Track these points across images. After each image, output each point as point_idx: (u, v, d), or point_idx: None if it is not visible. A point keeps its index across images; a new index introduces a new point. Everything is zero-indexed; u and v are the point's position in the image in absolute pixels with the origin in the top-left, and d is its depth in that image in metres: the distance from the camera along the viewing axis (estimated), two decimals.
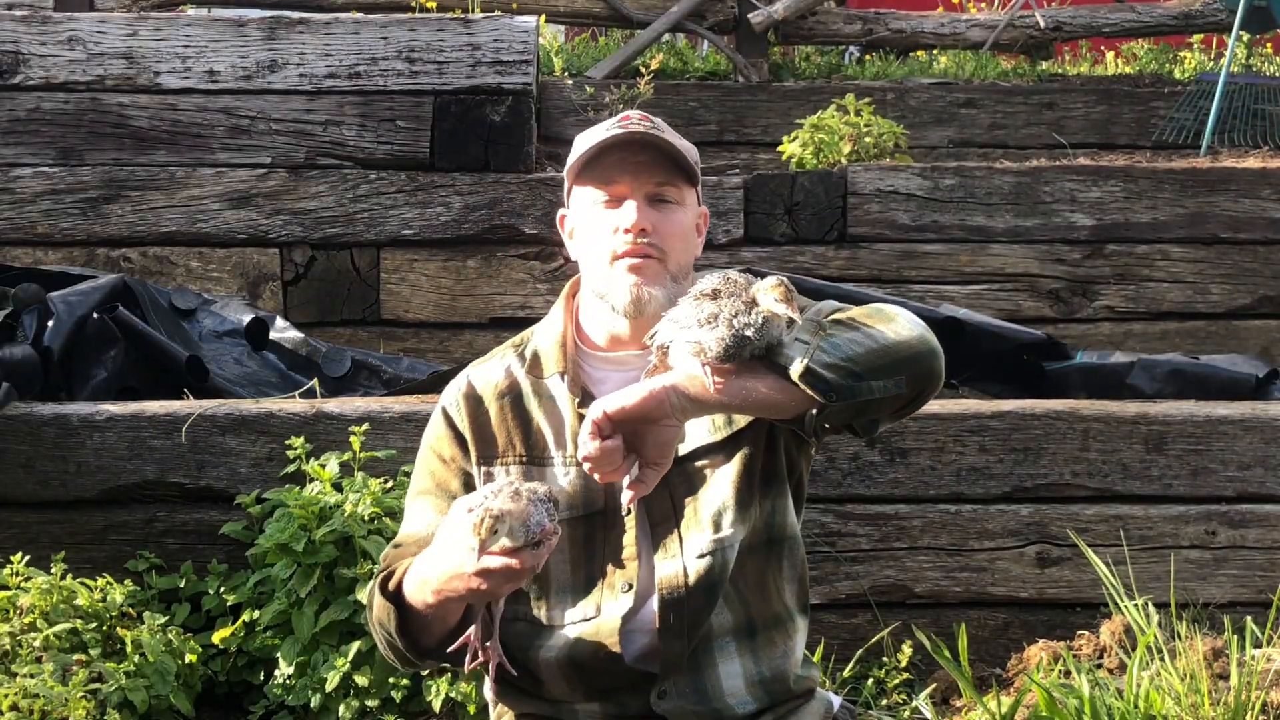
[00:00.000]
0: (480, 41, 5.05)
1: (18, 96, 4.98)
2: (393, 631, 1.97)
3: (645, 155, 2.05)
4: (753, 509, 2.04)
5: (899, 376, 1.86)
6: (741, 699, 2.05)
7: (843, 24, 7.07)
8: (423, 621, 1.96)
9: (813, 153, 5.33)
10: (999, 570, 3.54)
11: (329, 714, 3.12)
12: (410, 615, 1.96)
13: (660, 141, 2.05)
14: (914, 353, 1.88)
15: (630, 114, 2.10)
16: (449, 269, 5.02)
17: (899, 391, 1.87)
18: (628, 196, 2.05)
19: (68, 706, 2.83)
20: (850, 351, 1.84)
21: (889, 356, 1.86)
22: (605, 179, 2.06)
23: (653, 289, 2.03)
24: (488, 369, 2.14)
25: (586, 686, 2.05)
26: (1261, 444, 3.56)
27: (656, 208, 2.06)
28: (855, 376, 1.83)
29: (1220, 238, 5.20)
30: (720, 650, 2.04)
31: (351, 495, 3.21)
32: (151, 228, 4.98)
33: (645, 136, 2.04)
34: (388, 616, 1.97)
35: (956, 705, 3.26)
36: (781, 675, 2.09)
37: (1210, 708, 2.71)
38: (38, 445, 3.43)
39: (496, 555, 1.79)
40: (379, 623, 2.00)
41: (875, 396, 1.85)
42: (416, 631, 1.98)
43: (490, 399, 2.10)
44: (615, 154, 2.05)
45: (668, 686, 2.03)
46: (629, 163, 2.05)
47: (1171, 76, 7.18)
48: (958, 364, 4.21)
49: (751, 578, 2.06)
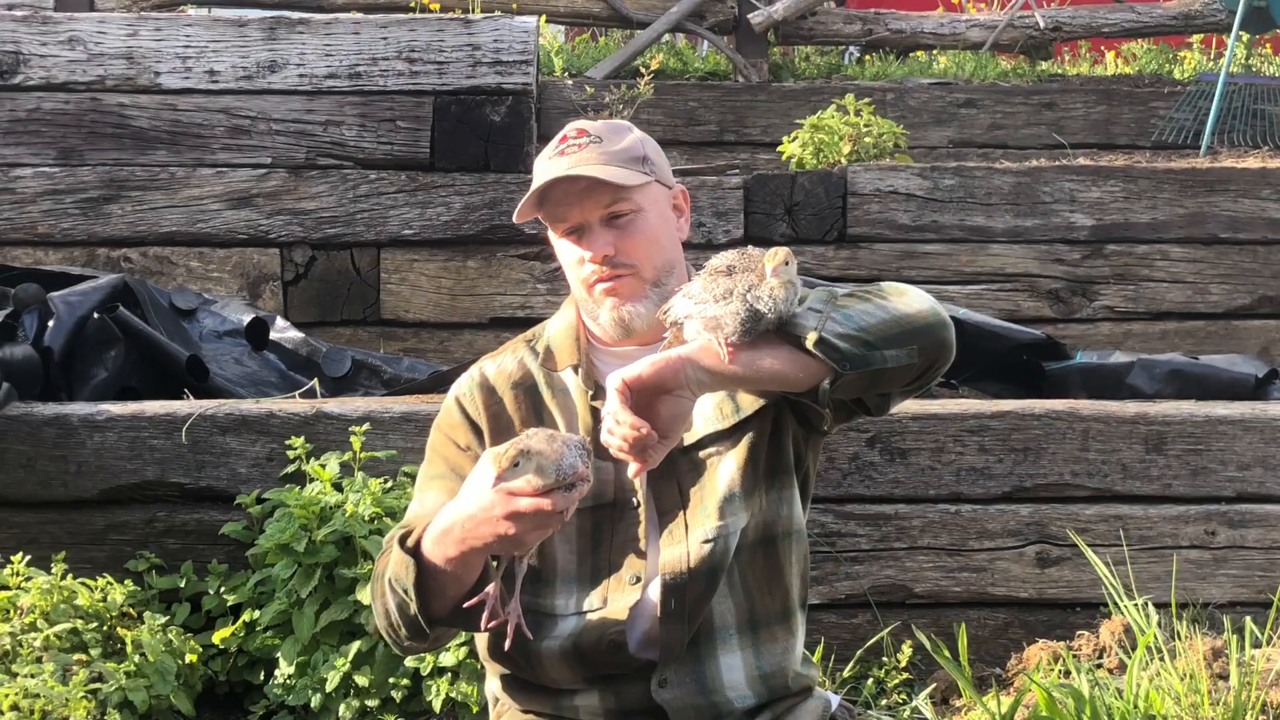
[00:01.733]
0: (480, 42, 5.05)
1: (18, 97, 4.98)
2: (409, 587, 1.91)
3: (586, 181, 2.04)
4: (757, 497, 2.05)
5: (911, 346, 1.89)
6: (741, 693, 2.06)
7: (842, 24, 7.08)
8: (439, 581, 1.91)
9: (813, 153, 5.33)
10: (999, 570, 3.54)
11: (329, 714, 3.13)
12: (427, 575, 1.92)
13: (586, 173, 2.02)
14: (926, 323, 1.91)
15: (567, 131, 2.09)
16: (449, 269, 5.02)
17: (912, 361, 1.89)
18: (583, 226, 2.06)
19: (68, 706, 2.83)
20: (863, 322, 1.86)
21: (901, 326, 1.89)
22: (557, 216, 2.07)
23: (633, 306, 2.05)
24: (501, 360, 2.16)
25: (588, 673, 2.05)
26: (1261, 444, 3.56)
27: (614, 225, 2.05)
28: (868, 345, 1.85)
29: (1220, 238, 5.20)
30: (723, 642, 2.05)
31: (352, 495, 3.21)
32: (152, 228, 4.98)
33: (574, 173, 2.02)
34: (405, 571, 1.91)
35: (956, 705, 3.26)
36: (781, 671, 2.09)
37: (1210, 708, 2.71)
38: (38, 445, 3.43)
39: (527, 495, 1.78)
40: (394, 581, 1.94)
41: (888, 365, 1.87)
42: (430, 594, 1.93)
43: (504, 388, 2.12)
44: (558, 188, 2.04)
45: (669, 675, 2.03)
46: (573, 194, 2.04)
47: (1171, 76, 7.19)
48: (958, 364, 4.19)
49: (759, 571, 2.07)
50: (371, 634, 3.11)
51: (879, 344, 1.86)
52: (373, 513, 3.18)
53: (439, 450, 2.13)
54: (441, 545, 1.89)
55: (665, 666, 2.03)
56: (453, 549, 1.88)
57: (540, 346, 2.15)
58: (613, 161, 2.04)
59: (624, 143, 2.08)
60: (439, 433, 2.14)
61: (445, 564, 1.89)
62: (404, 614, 1.96)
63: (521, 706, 2.12)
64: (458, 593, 1.93)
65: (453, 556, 1.88)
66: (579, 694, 2.07)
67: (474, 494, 1.84)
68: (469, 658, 3.02)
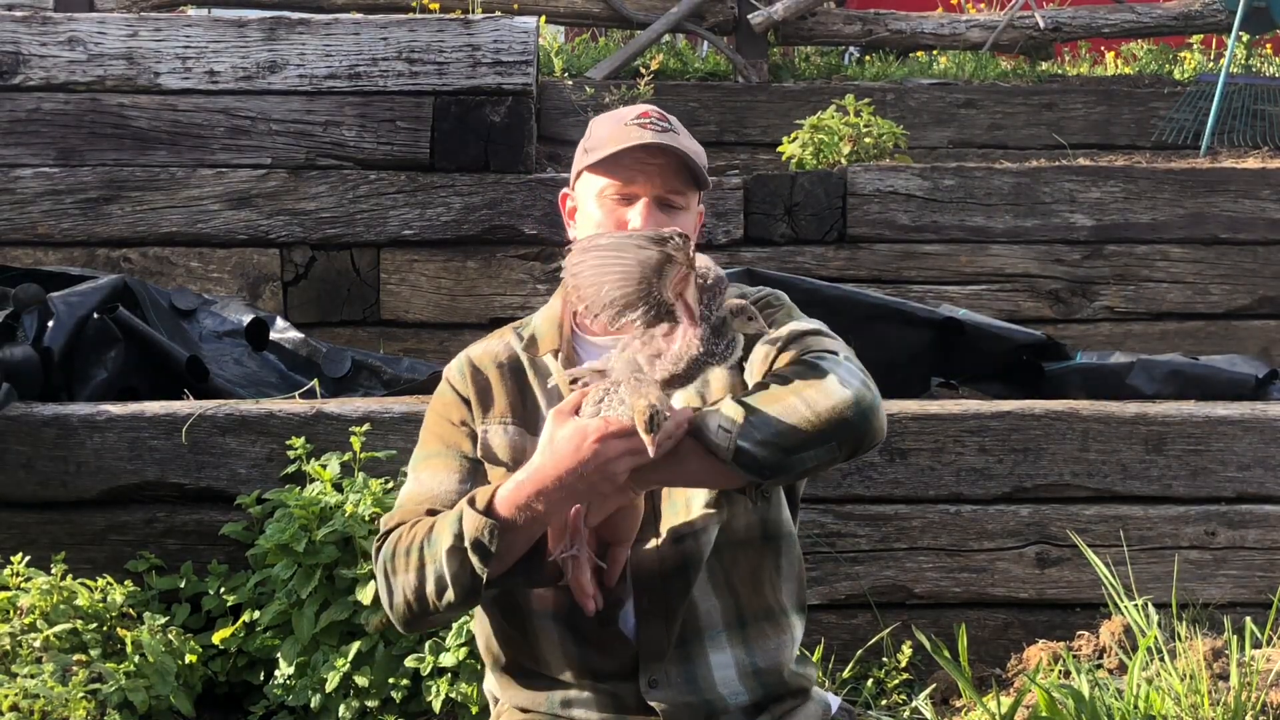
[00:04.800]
0: (480, 42, 5.05)
1: (18, 97, 4.99)
2: (491, 550, 1.89)
3: (662, 159, 2.09)
4: (736, 498, 2.07)
5: (831, 443, 1.88)
6: (734, 690, 2.06)
7: (842, 24, 7.08)
8: (509, 540, 1.91)
9: (812, 153, 5.33)
10: (999, 571, 3.54)
11: (329, 714, 3.12)
12: (501, 536, 1.91)
13: (679, 149, 2.09)
14: (844, 419, 1.88)
15: (649, 109, 2.15)
16: (449, 269, 5.03)
17: (834, 457, 1.91)
18: (639, 196, 2.10)
19: (68, 707, 2.83)
20: (779, 426, 1.86)
21: (821, 424, 1.87)
22: (621, 176, 2.10)
23: None
24: (487, 345, 2.21)
25: (581, 654, 2.06)
26: (1261, 444, 3.56)
27: (664, 211, 2.10)
28: (786, 451, 1.87)
29: (1220, 238, 5.20)
30: (711, 641, 2.06)
31: (352, 495, 3.21)
32: (152, 228, 4.98)
33: (666, 145, 2.08)
34: (487, 533, 1.90)
35: (956, 705, 3.26)
36: (775, 666, 2.09)
37: (1210, 708, 2.71)
38: (38, 445, 3.43)
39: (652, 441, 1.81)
40: (474, 544, 1.90)
41: (808, 467, 1.91)
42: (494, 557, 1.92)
43: (489, 367, 2.16)
44: (633, 152, 2.09)
45: (659, 677, 2.04)
46: (646, 164, 2.09)
47: (1171, 77, 7.20)
48: (958, 364, 4.21)
49: (745, 570, 2.09)
50: (372, 634, 3.11)
51: (797, 448, 1.87)
52: (373, 513, 3.18)
53: (433, 430, 2.16)
54: (530, 504, 1.89)
55: (652, 667, 2.04)
56: (542, 506, 1.89)
57: (526, 333, 2.20)
58: (691, 154, 2.11)
59: (696, 146, 2.15)
60: (433, 413, 2.18)
61: (527, 523, 1.90)
62: (460, 581, 1.94)
63: (518, 706, 2.13)
64: (524, 550, 1.94)
65: (540, 513, 1.89)
66: (573, 695, 2.07)
67: (562, 447, 1.87)
68: (469, 658, 3.01)
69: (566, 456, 1.86)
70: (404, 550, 2.01)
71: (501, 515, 1.91)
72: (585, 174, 2.14)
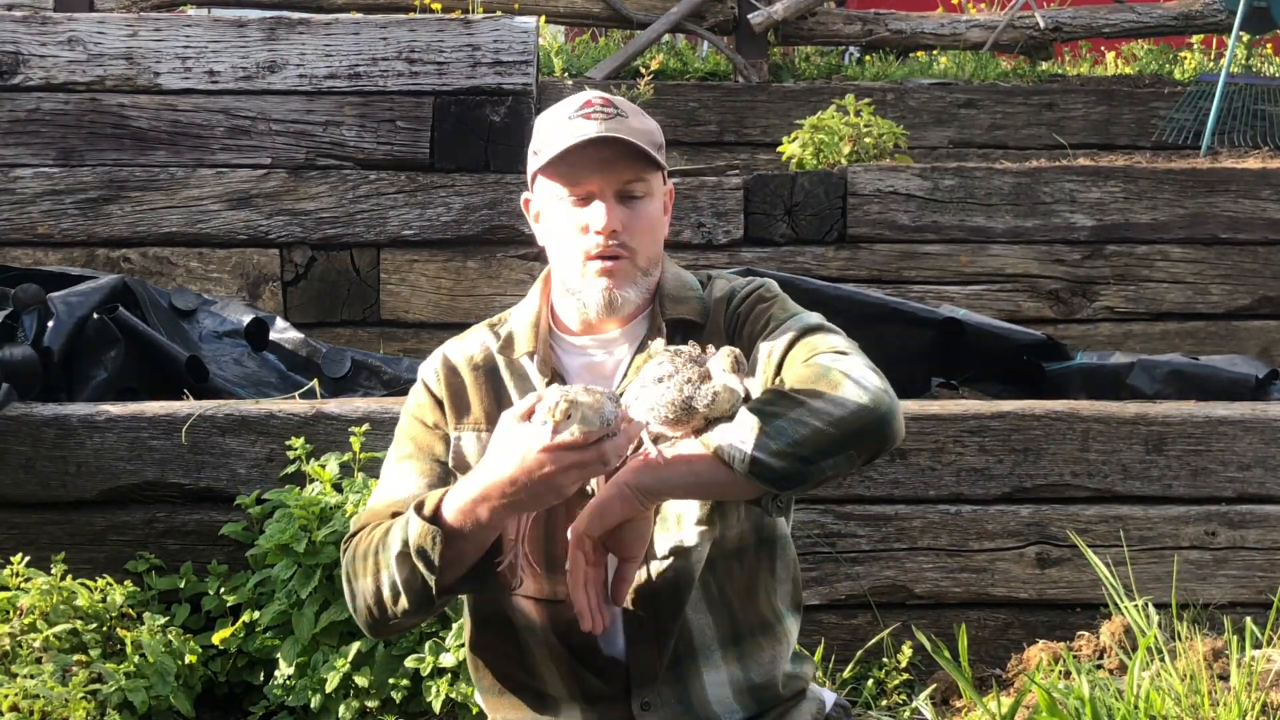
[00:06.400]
0: (480, 42, 5.05)
1: (18, 97, 4.99)
2: (435, 559, 1.84)
3: (611, 151, 1.98)
4: (731, 507, 2.00)
5: (849, 451, 1.80)
6: (729, 708, 2.02)
7: (843, 24, 7.08)
8: (459, 549, 1.86)
9: (813, 153, 5.33)
10: (999, 571, 3.54)
11: (329, 714, 3.12)
12: (449, 543, 1.85)
13: (624, 137, 1.99)
14: (863, 424, 1.80)
15: (591, 98, 2.05)
16: (449, 269, 5.02)
17: (851, 465, 1.83)
18: (595, 195, 2.01)
19: (68, 707, 2.83)
20: (797, 434, 1.78)
21: (838, 431, 1.79)
22: (572, 178, 2.01)
23: (624, 291, 2.02)
24: (464, 344, 2.16)
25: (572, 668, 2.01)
26: (1261, 444, 3.56)
27: (625, 204, 2.01)
28: (804, 461, 1.78)
29: (1220, 238, 5.20)
30: (705, 660, 2.01)
31: (352, 496, 3.21)
32: (151, 228, 4.98)
33: (611, 135, 1.98)
34: (430, 541, 1.84)
35: (956, 706, 3.26)
36: (770, 681, 2.05)
37: (1210, 708, 2.71)
38: (38, 446, 3.43)
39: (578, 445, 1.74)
40: (413, 553, 1.86)
41: (826, 475, 1.82)
42: (446, 564, 1.87)
43: (465, 369, 2.11)
44: (580, 149, 1.99)
45: (651, 698, 1.99)
46: (595, 160, 1.99)
47: (1171, 77, 7.20)
48: (958, 364, 4.21)
49: (739, 582, 2.03)
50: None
51: (816, 457, 1.78)
52: None
53: (407, 432, 2.11)
54: (474, 511, 1.83)
55: (645, 689, 1.99)
56: (486, 513, 1.82)
57: (503, 331, 2.14)
58: (640, 139, 2.00)
59: (648, 125, 2.05)
60: (407, 415, 2.12)
61: (474, 529, 1.84)
62: (411, 588, 1.89)
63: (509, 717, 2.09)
64: (475, 557, 1.88)
65: (485, 521, 1.83)
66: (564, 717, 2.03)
67: (509, 455, 1.79)
68: None
69: (511, 465, 1.78)
70: (363, 554, 1.96)
71: (447, 522, 1.84)
72: (540, 178, 2.05)
